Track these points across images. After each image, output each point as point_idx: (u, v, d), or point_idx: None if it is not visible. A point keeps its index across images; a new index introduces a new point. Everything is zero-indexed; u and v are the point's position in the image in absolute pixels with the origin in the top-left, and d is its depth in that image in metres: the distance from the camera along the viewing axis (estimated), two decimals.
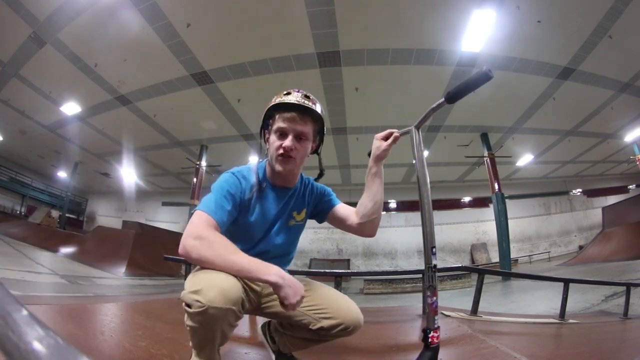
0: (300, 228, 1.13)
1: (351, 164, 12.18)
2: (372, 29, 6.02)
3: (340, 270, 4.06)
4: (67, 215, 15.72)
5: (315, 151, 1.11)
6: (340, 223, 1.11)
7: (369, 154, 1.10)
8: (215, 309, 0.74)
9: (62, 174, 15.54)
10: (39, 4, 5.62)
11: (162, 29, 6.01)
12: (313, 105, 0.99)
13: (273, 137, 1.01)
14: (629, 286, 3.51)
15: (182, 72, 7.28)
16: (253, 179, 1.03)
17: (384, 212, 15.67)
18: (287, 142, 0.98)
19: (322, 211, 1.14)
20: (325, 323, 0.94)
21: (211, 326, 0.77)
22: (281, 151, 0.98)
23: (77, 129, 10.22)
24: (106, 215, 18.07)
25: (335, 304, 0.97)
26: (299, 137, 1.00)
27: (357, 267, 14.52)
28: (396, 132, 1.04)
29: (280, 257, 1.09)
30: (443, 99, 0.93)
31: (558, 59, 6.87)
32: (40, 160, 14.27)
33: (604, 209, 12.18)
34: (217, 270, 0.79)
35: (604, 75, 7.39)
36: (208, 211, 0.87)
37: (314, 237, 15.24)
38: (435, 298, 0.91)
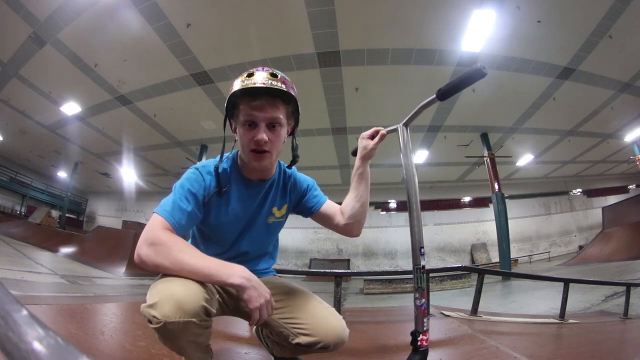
0: (280, 225, 1.04)
1: (351, 164, 12.06)
2: (372, 29, 6.01)
3: (340, 270, 4.05)
4: (67, 215, 15.73)
5: (291, 133, 0.98)
6: (326, 221, 1.04)
7: (353, 153, 1.05)
8: (172, 324, 0.66)
9: (62, 174, 15.55)
10: (39, 4, 5.61)
11: (162, 29, 6.01)
12: (282, 85, 0.84)
13: (242, 129, 0.87)
14: (629, 286, 3.52)
15: (182, 72, 7.28)
16: (220, 174, 0.92)
17: (384, 212, 15.58)
18: (259, 135, 0.85)
19: (307, 208, 1.05)
20: (303, 340, 0.86)
21: (175, 340, 0.71)
22: (253, 146, 0.86)
23: (77, 129, 10.22)
24: (106, 215, 18.08)
25: (314, 319, 0.87)
26: (271, 125, 0.87)
27: (357, 267, 14.51)
28: (383, 130, 0.99)
29: (260, 256, 1.02)
30: (434, 96, 0.89)
31: (558, 59, 6.86)
32: (40, 160, 14.27)
33: (604, 209, 12.17)
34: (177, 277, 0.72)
35: (604, 75, 7.38)
36: (163, 214, 0.80)
37: (314, 237, 15.24)
38: (424, 300, 0.88)
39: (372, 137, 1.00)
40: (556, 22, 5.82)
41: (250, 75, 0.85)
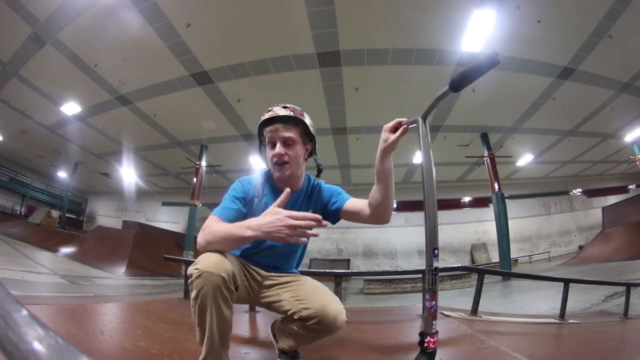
0: None
1: (351, 164, 12.17)
2: (372, 29, 6.02)
3: (340, 270, 4.05)
4: (67, 215, 15.73)
5: (311, 153, 1.23)
6: (353, 217, 1.14)
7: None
8: (208, 272, 0.86)
9: (62, 174, 15.55)
10: (39, 4, 5.61)
11: (162, 29, 6.01)
12: (291, 113, 1.11)
13: (267, 149, 1.15)
14: (629, 286, 3.51)
15: (182, 72, 7.28)
16: (257, 184, 1.16)
17: None
18: (277, 149, 1.10)
19: (332, 213, 1.18)
20: (304, 313, 0.99)
21: (206, 292, 0.86)
22: (275, 159, 1.11)
23: (77, 129, 10.22)
24: (106, 215, 18.06)
25: (316, 297, 1.02)
26: (286, 143, 1.11)
27: (357, 267, 14.50)
28: (404, 124, 1.01)
29: (288, 255, 1.19)
30: (447, 87, 0.87)
31: (558, 59, 6.86)
32: (40, 160, 14.27)
33: (604, 209, 12.18)
34: (217, 251, 0.92)
35: (604, 75, 7.39)
36: (216, 213, 1.05)
37: (314, 237, 15.21)
38: (434, 302, 0.87)
39: (394, 129, 1.03)
40: (556, 22, 5.82)
41: (269, 110, 1.13)
